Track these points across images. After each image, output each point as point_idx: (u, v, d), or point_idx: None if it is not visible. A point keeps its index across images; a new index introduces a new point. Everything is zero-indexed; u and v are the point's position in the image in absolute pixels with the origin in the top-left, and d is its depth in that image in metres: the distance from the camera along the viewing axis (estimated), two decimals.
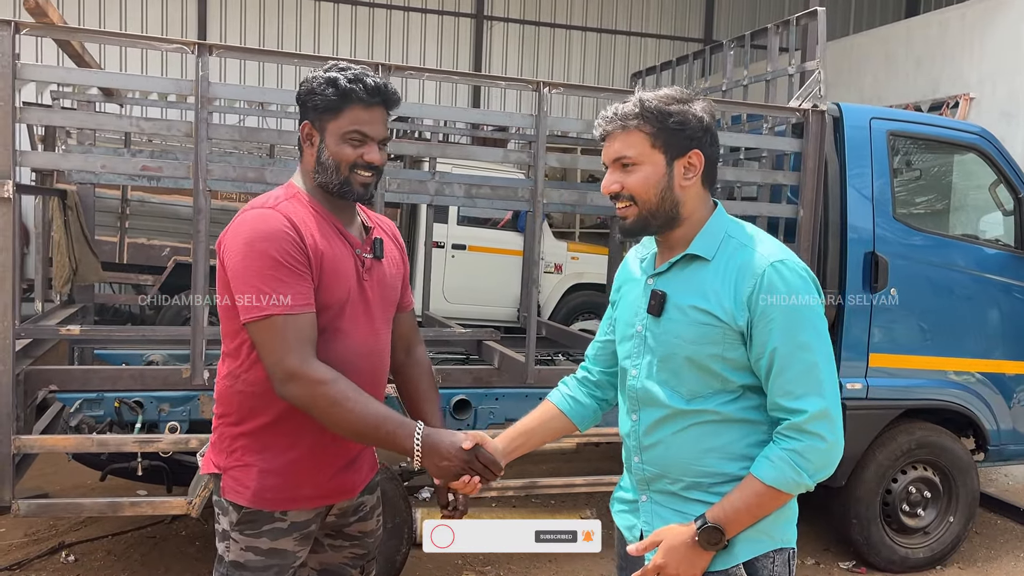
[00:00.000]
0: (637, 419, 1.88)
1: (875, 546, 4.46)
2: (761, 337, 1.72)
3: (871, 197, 4.32)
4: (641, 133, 1.79)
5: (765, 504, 1.74)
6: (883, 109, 4.85)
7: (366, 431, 1.89)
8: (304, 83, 2.00)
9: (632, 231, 1.85)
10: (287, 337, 1.85)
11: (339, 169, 1.96)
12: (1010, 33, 8.17)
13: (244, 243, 1.88)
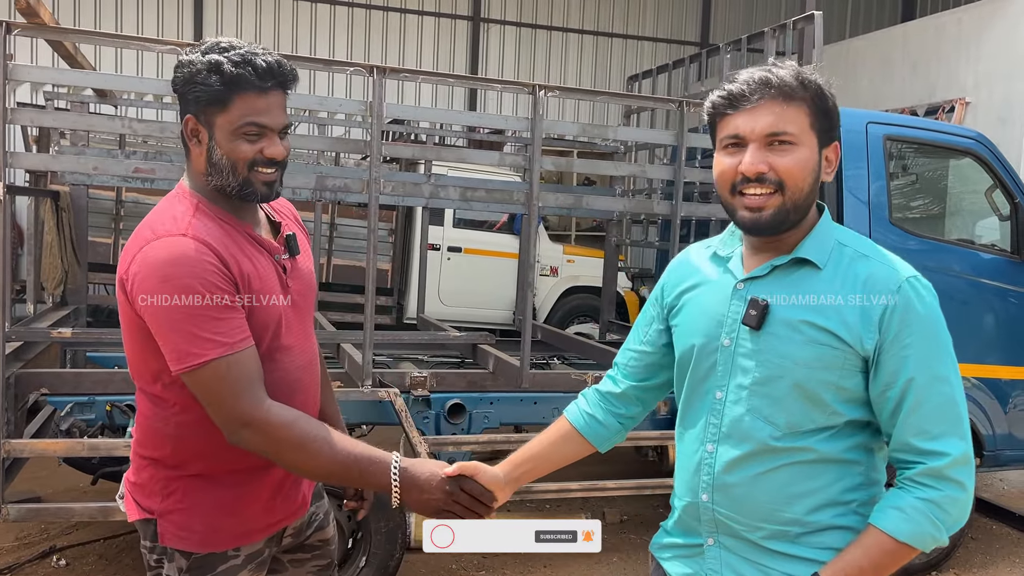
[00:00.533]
0: (714, 451, 1.58)
1: None
2: (892, 365, 1.45)
3: (867, 201, 4.31)
4: (804, 109, 1.51)
5: (893, 563, 1.47)
6: (879, 113, 4.85)
7: (337, 471, 1.70)
8: (179, 69, 1.69)
9: (767, 227, 1.52)
10: (233, 381, 1.62)
11: (236, 169, 1.68)
12: (1006, 38, 8.18)
13: (161, 280, 1.60)
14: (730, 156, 1.53)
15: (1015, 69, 8.10)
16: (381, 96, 3.14)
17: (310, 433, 1.66)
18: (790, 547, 1.53)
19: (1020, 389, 4.66)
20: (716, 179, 1.58)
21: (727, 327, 1.57)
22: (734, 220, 1.57)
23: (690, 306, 1.66)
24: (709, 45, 13.89)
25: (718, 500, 1.57)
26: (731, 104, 1.52)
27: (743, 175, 1.50)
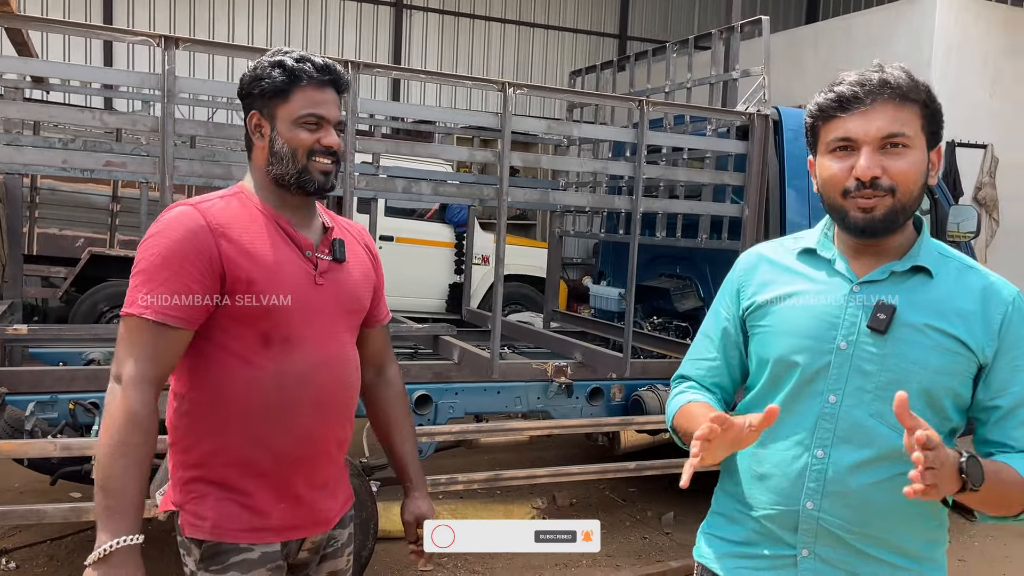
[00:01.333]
0: (825, 456, 1.52)
1: None
2: (1005, 374, 1.49)
3: (808, 197, 4.57)
4: (917, 111, 1.49)
5: (1010, 498, 1.45)
6: None
7: (103, 485, 1.61)
8: (247, 73, 1.83)
9: (877, 227, 1.49)
10: (139, 343, 1.66)
11: (295, 157, 1.78)
12: (912, 41, 8.68)
13: (149, 235, 1.72)
14: (839, 160, 1.50)
15: (922, 70, 8.57)
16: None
17: (133, 439, 1.62)
18: (899, 557, 1.52)
19: None
20: (824, 183, 1.55)
21: (844, 330, 1.53)
22: (843, 222, 1.53)
23: (788, 308, 1.59)
24: (629, 37, 14.21)
25: (827, 507, 1.51)
26: (841, 107, 1.49)
27: (858, 180, 1.47)
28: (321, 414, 1.81)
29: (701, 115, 4.41)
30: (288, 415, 1.77)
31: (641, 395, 4.46)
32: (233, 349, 1.74)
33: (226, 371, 1.74)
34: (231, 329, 1.73)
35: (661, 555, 4.63)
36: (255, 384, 1.74)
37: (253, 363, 1.74)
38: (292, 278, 1.78)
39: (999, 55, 8.82)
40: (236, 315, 1.72)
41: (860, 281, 1.55)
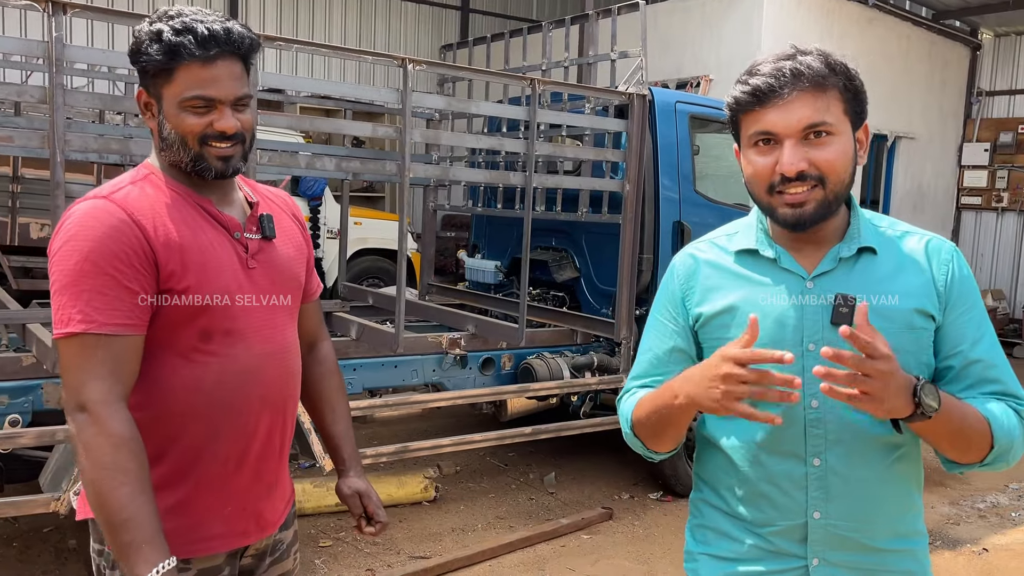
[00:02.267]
0: (822, 463, 1.45)
1: (680, 477, 5.12)
2: (955, 333, 1.45)
3: (677, 172, 4.90)
4: (837, 95, 1.41)
5: (968, 435, 1.39)
6: (684, 94, 5.47)
7: (111, 519, 1.45)
8: (132, 41, 1.59)
9: (810, 221, 1.42)
10: (95, 363, 1.48)
11: (186, 144, 1.58)
12: (744, 24, 9.34)
13: (63, 241, 1.51)
14: (763, 155, 1.42)
15: (752, 52, 9.27)
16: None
17: (124, 465, 1.46)
18: (901, 542, 1.51)
19: None
20: (749, 178, 1.47)
21: (808, 331, 1.44)
22: (773, 218, 1.47)
23: (743, 317, 1.42)
24: (470, 10, 14.27)
25: (834, 512, 1.46)
26: (758, 100, 1.40)
27: (782, 175, 1.39)
28: (268, 409, 1.69)
29: (588, 95, 4.60)
30: (232, 412, 1.64)
31: (531, 363, 4.65)
32: (171, 347, 1.58)
33: (165, 372, 1.58)
34: (167, 326, 1.57)
35: (550, 514, 4.87)
36: (197, 383, 1.59)
37: (194, 360, 1.59)
38: (226, 265, 1.62)
39: (818, 39, 9.50)
40: (171, 311, 1.56)
41: (812, 276, 1.47)
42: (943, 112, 11.34)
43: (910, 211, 11.15)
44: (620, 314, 4.69)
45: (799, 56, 1.40)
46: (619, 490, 5.31)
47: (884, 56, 10.35)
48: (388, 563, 4.15)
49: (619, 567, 4.24)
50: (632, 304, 4.74)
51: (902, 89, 10.64)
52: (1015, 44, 11.38)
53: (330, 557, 4.21)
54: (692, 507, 1.68)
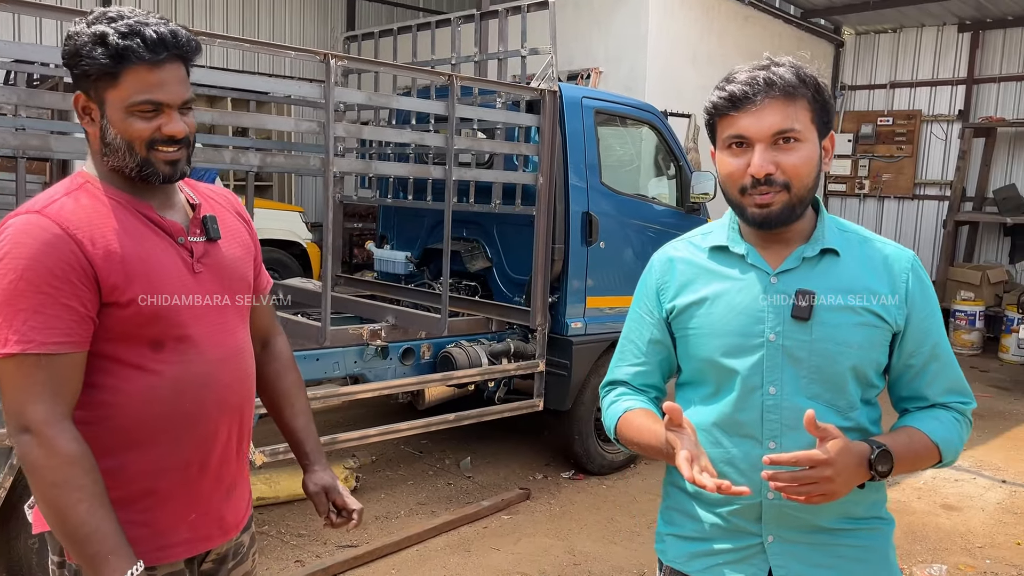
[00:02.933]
0: (777, 446, 1.56)
1: (591, 456, 5.38)
2: (918, 335, 1.59)
3: (585, 165, 5.11)
4: (806, 105, 1.53)
5: (922, 458, 1.59)
6: (590, 89, 5.69)
7: (73, 535, 1.47)
8: (66, 41, 1.55)
9: (777, 221, 1.55)
10: (35, 383, 1.46)
11: (133, 149, 1.55)
12: (631, 19, 9.69)
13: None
14: (735, 156, 1.55)
15: (639, 46, 9.66)
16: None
17: (79, 481, 1.46)
18: (853, 522, 1.62)
19: None
20: (723, 179, 1.60)
21: (770, 322, 1.57)
22: (743, 217, 1.60)
23: (714, 309, 1.62)
24: None
25: None
26: (733, 105, 1.53)
27: (753, 177, 1.52)
28: (226, 414, 1.69)
29: (504, 91, 4.73)
30: (191, 420, 1.63)
31: (450, 351, 4.76)
32: (123, 359, 1.57)
33: (119, 384, 1.57)
34: (115, 338, 1.56)
35: (470, 497, 5.02)
36: (153, 393, 1.58)
37: (148, 369, 1.58)
38: (171, 272, 1.61)
39: (699, 35, 10.14)
40: (119, 323, 1.55)
41: (776, 272, 1.60)
42: None
43: None
44: (535, 302, 4.87)
45: (772, 67, 1.54)
46: (533, 471, 5.52)
47: (759, 53, 10.63)
48: (316, 554, 4.19)
49: (540, 544, 4.43)
50: (547, 293, 4.93)
51: None
52: (874, 42, 12.25)
53: (257, 550, 4.20)
54: (663, 490, 1.82)
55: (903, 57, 11.99)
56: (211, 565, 1.79)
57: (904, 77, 11.94)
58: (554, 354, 5.06)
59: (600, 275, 5.24)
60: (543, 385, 5.02)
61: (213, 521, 1.73)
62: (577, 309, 5.14)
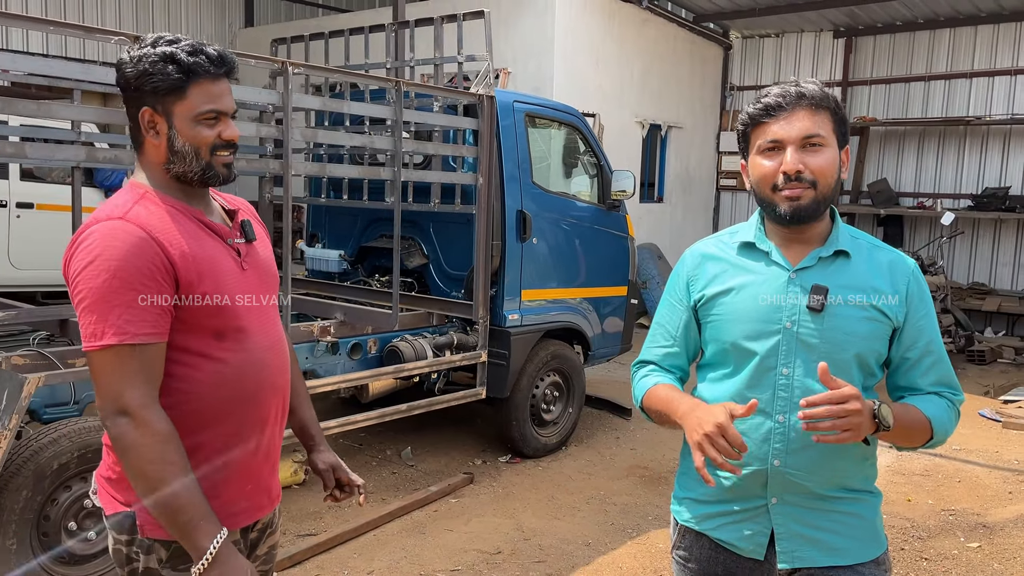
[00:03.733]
0: (785, 421, 1.78)
1: (527, 440, 5.69)
2: (914, 331, 1.82)
3: (518, 166, 5.41)
4: (828, 116, 1.77)
5: (916, 431, 1.78)
6: (520, 94, 5.96)
7: (169, 502, 1.65)
8: (128, 65, 1.74)
9: (803, 215, 1.76)
10: (130, 371, 1.64)
11: (199, 154, 1.76)
12: (537, 22, 10.02)
13: (88, 261, 1.65)
14: (769, 159, 1.78)
15: (544, 48, 10.00)
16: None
17: (172, 456, 1.66)
18: (847, 492, 1.83)
19: (607, 304, 6.28)
20: (756, 180, 1.81)
21: (787, 311, 1.79)
22: (773, 214, 1.80)
23: (739, 298, 1.84)
24: None
25: (791, 463, 1.78)
26: (768, 113, 1.77)
27: (785, 174, 1.74)
28: (275, 395, 1.89)
29: (448, 96, 4.95)
30: (251, 401, 1.82)
31: (397, 345, 4.97)
32: (194, 348, 1.75)
33: (190, 371, 1.74)
34: (188, 330, 1.73)
35: (416, 484, 5.24)
36: (220, 378, 1.77)
37: (215, 357, 1.76)
38: (228, 269, 1.80)
39: (602, 39, 10.59)
40: (191, 316, 1.73)
41: (796, 269, 1.81)
42: (703, 105, 12.81)
43: (680, 192, 12.53)
44: (477, 296, 5.14)
45: (802, 83, 1.79)
46: (471, 457, 5.78)
47: (656, 55, 11.53)
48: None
49: (490, 523, 4.71)
50: (488, 286, 5.20)
51: (671, 84, 11.90)
52: (759, 46, 13.06)
53: None
54: (681, 459, 2.05)
55: (785, 60, 12.85)
56: (256, 534, 1.98)
57: (787, 78, 12.74)
58: (493, 345, 5.34)
59: (533, 269, 5.55)
60: (485, 374, 5.29)
61: (263, 492, 1.94)
62: (514, 302, 5.44)
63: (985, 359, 9.48)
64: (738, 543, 1.87)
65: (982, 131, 11.38)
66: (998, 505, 5.20)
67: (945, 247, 10.82)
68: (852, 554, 1.83)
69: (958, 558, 4.40)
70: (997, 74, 11.23)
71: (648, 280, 10.53)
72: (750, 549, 1.85)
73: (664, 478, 5.46)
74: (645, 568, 4.20)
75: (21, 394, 3.14)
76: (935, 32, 11.65)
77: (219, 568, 1.66)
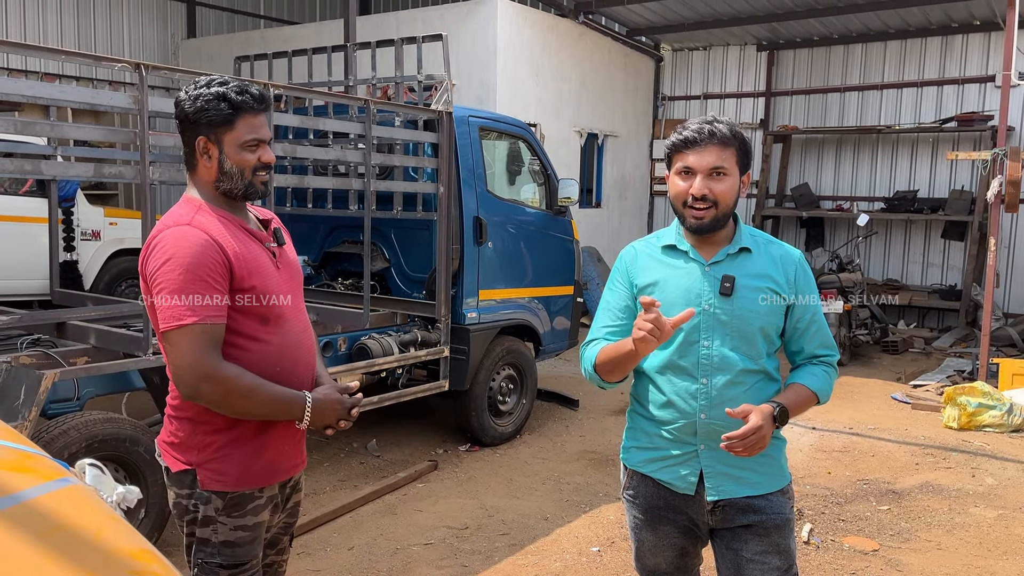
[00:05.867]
0: (707, 382, 2.23)
1: (486, 429, 6.13)
2: (801, 307, 2.30)
3: (473, 175, 5.85)
4: (734, 151, 2.21)
5: (806, 405, 2.31)
6: (476, 109, 6.40)
7: (269, 411, 2.15)
8: (187, 102, 2.15)
9: (705, 228, 2.22)
10: (202, 343, 2.03)
11: (243, 175, 2.16)
12: (480, 35, 10.46)
13: (167, 259, 2.04)
14: (683, 180, 2.24)
15: (487, 61, 10.45)
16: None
17: (253, 382, 2.10)
18: None
19: (556, 303, 6.77)
20: (673, 196, 2.28)
21: (705, 297, 2.24)
22: (683, 223, 2.28)
23: (667, 286, 2.27)
24: (198, 3, 14.03)
25: (714, 415, 2.22)
26: (686, 145, 2.22)
27: (692, 195, 2.21)
28: (308, 370, 2.31)
29: (411, 113, 5.36)
30: (290, 374, 2.23)
31: (365, 343, 5.35)
32: (244, 332, 2.16)
33: (242, 350, 2.15)
34: (240, 316, 2.14)
35: (383, 472, 5.63)
36: (267, 355, 2.19)
37: (261, 339, 2.18)
38: (269, 268, 2.21)
39: (541, 51, 11.09)
40: (242, 305, 2.14)
41: (709, 263, 2.27)
42: (637, 114, 13.45)
43: (617, 198, 13.13)
44: (439, 296, 5.56)
45: (715, 123, 2.23)
46: (433, 446, 6.20)
47: (592, 66, 12.11)
48: None
49: (456, 503, 5.13)
50: (449, 288, 5.63)
51: (607, 94, 12.50)
52: (688, 58, 13.78)
53: None
54: (628, 417, 2.48)
55: (713, 72, 13.59)
56: (289, 490, 2.38)
57: (715, 89, 13.53)
58: (453, 341, 5.77)
59: (489, 271, 6.00)
60: (448, 368, 5.72)
61: (298, 452, 2.35)
62: (472, 301, 5.88)
63: (898, 349, 10.28)
64: (675, 482, 2.31)
65: (892, 139, 12.27)
66: (906, 475, 5.85)
67: (862, 246, 11.64)
68: (763, 486, 2.29)
69: (870, 519, 5.01)
70: (905, 86, 12.14)
71: (588, 281, 11.08)
72: (684, 487, 2.30)
73: (611, 460, 5.96)
74: (599, 536, 4.68)
75: (40, 389, 3.45)
76: (849, 47, 12.52)
77: (318, 409, 2.19)
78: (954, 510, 5.15)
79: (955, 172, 11.85)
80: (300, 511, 2.51)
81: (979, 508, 5.18)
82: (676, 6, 11.76)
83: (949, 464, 6.11)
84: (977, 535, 4.76)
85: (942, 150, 11.85)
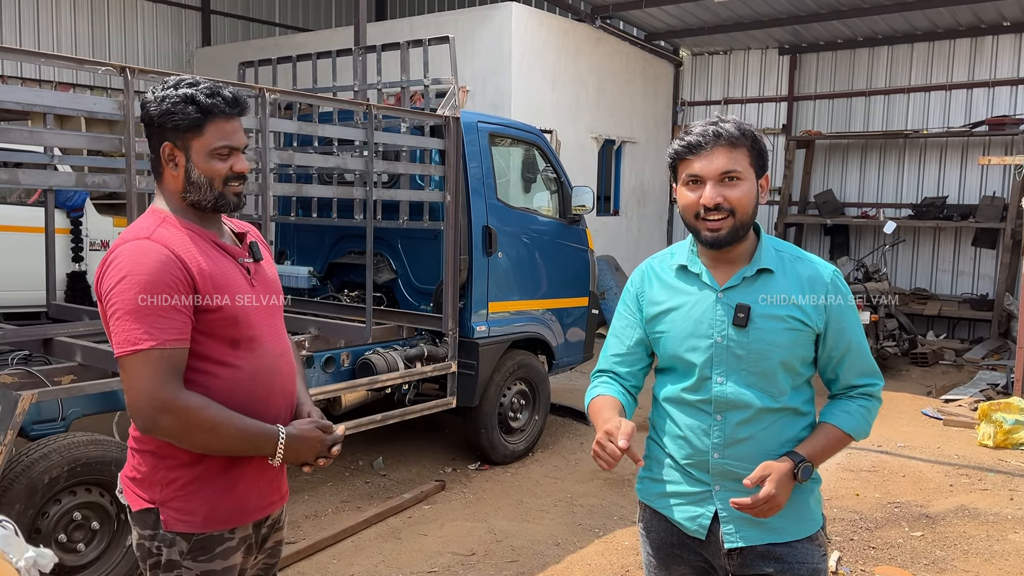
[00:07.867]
0: (722, 419, 2.00)
1: (496, 447, 5.89)
2: (835, 335, 2.01)
3: (482, 183, 5.63)
4: (745, 151, 1.97)
5: (838, 447, 2.05)
6: (484, 114, 6.18)
7: (241, 447, 1.93)
8: (152, 104, 1.94)
9: (723, 242, 1.97)
10: (160, 371, 1.83)
11: (212, 185, 1.95)
12: (494, 42, 10.28)
13: (121, 277, 1.84)
14: (692, 191, 1.99)
15: (502, 67, 10.26)
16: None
17: (218, 415, 1.88)
18: None
19: (570, 314, 6.52)
20: (682, 208, 2.03)
21: (717, 328, 2.01)
22: (698, 239, 2.03)
23: (677, 316, 2.07)
24: (212, 11, 13.99)
25: (728, 454, 2.01)
26: (690, 151, 1.97)
27: (704, 206, 1.95)
28: (285, 397, 2.09)
29: (416, 118, 5.15)
30: (264, 403, 2.01)
31: (369, 358, 5.13)
32: (211, 356, 1.94)
33: (209, 376, 1.93)
34: (207, 339, 1.92)
35: (389, 492, 5.40)
36: (237, 382, 1.96)
37: (231, 364, 1.96)
38: (240, 285, 1.99)
39: (557, 56, 10.89)
40: (208, 325, 1.92)
41: (722, 288, 2.02)
42: (656, 120, 13.19)
43: (636, 205, 12.87)
44: (447, 309, 5.33)
45: (720, 123, 1.98)
46: (442, 465, 5.97)
47: (610, 71, 11.88)
48: None
49: (463, 527, 4.89)
50: (457, 300, 5.40)
51: (624, 100, 12.26)
52: (708, 63, 13.51)
53: None
54: (645, 444, 2.26)
55: (734, 76, 13.30)
56: (266, 529, 2.14)
57: (736, 94, 13.25)
58: (462, 356, 5.53)
59: (499, 282, 5.77)
60: (456, 384, 5.48)
61: (275, 489, 2.11)
62: (481, 314, 5.65)
63: (928, 361, 9.93)
64: (685, 523, 2.09)
65: (920, 143, 11.92)
66: (940, 497, 5.54)
67: (888, 254, 11.30)
68: (788, 532, 2.03)
69: (903, 546, 4.71)
70: (933, 89, 11.79)
71: (606, 291, 10.83)
72: (695, 530, 2.08)
73: (627, 480, 5.70)
74: (612, 565, 4.42)
75: (16, 411, 3.26)
76: (874, 49, 12.19)
77: (292, 444, 1.96)
78: (992, 536, 4.83)
79: (986, 177, 11.47)
80: (301, 535, 2.25)
81: (1019, 535, 4.87)
82: (695, 9, 11.51)
83: (985, 486, 5.78)
84: (1018, 564, 4.45)
85: (972, 155, 11.49)
